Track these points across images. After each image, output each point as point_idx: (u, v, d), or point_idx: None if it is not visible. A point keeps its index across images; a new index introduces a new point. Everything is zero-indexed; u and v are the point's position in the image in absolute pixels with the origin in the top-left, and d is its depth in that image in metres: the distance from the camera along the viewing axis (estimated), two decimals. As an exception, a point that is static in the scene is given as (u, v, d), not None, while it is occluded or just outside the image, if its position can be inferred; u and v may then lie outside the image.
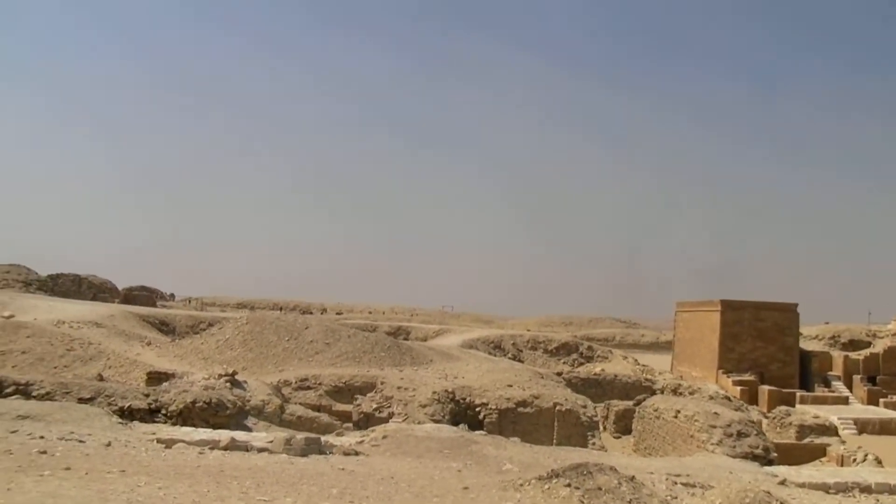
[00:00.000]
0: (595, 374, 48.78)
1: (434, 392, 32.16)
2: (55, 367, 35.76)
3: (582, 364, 61.28)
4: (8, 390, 22.36)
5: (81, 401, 21.90)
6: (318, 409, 30.26)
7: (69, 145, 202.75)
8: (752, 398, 50.18)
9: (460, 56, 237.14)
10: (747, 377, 54.03)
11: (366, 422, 29.40)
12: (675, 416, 28.87)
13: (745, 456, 24.54)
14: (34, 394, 22.43)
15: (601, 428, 34.03)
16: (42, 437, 14.68)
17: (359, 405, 30.95)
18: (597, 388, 44.69)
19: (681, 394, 43.38)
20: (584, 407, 32.76)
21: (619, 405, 38.38)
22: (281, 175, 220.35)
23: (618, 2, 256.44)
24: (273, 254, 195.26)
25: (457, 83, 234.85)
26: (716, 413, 27.45)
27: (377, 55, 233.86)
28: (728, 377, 54.42)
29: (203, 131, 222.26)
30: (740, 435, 26.09)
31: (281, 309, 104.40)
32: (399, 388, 32.52)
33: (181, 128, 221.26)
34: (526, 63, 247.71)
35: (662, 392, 44.19)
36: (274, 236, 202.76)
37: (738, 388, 51.73)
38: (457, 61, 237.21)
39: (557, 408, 32.20)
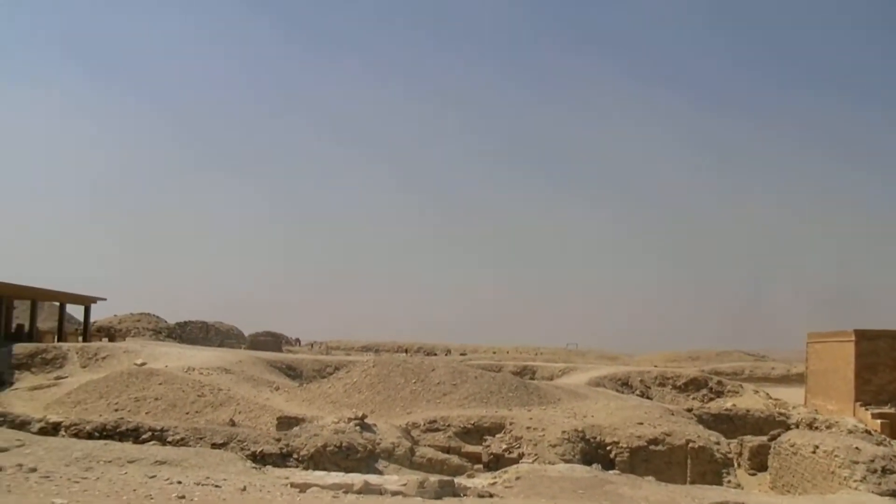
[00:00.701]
0: (726, 410, 47.33)
1: (563, 431, 31.76)
2: (187, 413, 36.79)
3: (712, 399, 59.62)
4: (144, 436, 23.05)
5: (215, 446, 22.40)
6: (447, 450, 30.24)
7: (199, 190, 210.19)
8: (893, 432, 47.79)
9: (578, 85, 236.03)
10: (887, 410, 51.53)
11: (496, 463, 29.24)
12: (814, 452, 27.62)
13: (893, 494, 23.26)
14: (169, 439, 23.05)
15: (735, 465, 32.94)
16: (179, 483, 15.02)
17: (488, 446, 30.80)
18: (728, 424, 43.33)
19: (817, 428, 41.65)
20: (717, 443, 31.80)
21: (753, 441, 37.06)
22: (404, 216, 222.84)
23: (737, 28, 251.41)
24: (396, 296, 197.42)
25: (574, 114, 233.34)
26: (857, 448, 26.12)
27: (516, 87, 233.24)
28: (866, 410, 52.01)
29: (330, 173, 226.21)
30: (885, 471, 24.72)
31: (406, 351, 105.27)
32: (528, 427, 32.25)
33: (304, 168, 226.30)
34: (627, 87, 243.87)
35: (797, 426, 42.50)
36: (396, 279, 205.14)
37: (878, 421, 49.32)
38: (576, 91, 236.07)
39: (690, 445, 31.38)
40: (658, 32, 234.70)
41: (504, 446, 30.44)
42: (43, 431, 22.13)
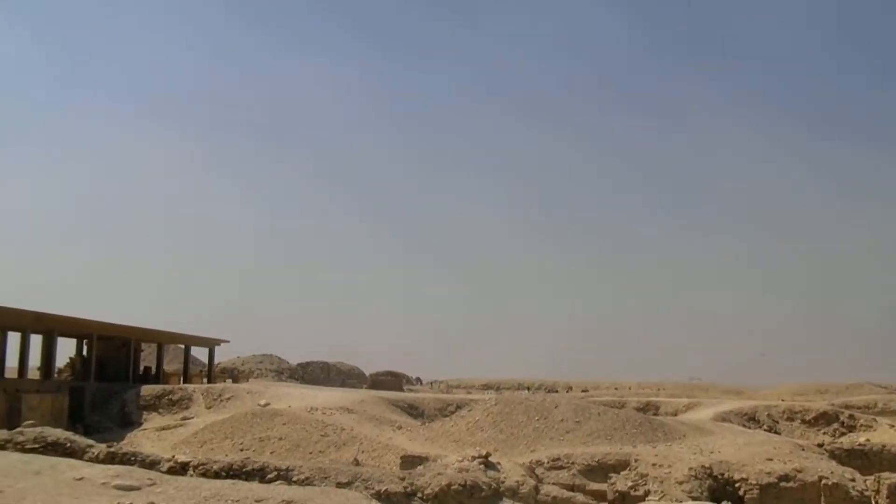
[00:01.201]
0: (860, 445, 45.28)
1: (690, 468, 30.96)
2: (311, 453, 37.23)
3: (843, 434, 57.19)
4: (270, 476, 23.34)
5: (339, 485, 22.53)
6: (572, 488, 29.84)
7: (321, 237, 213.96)
8: None
9: (693, 110, 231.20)
10: None
11: (621, 501, 28.72)
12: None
13: None
14: (294, 479, 23.29)
15: (873, 502, 31.49)
16: (307, 522, 15.10)
17: (613, 483, 30.24)
18: (863, 460, 41.45)
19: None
20: (853, 480, 30.51)
21: (891, 478, 35.33)
22: (522, 255, 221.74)
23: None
24: (515, 335, 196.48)
25: (695, 140, 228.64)
26: None
27: (643, 117, 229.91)
28: None
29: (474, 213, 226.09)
30: None
31: (527, 388, 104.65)
32: (653, 464, 31.56)
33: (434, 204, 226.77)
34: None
35: (937, 463, 40.38)
36: (516, 318, 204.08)
37: None
38: (692, 115, 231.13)
39: (823, 482, 30.18)
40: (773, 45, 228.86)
41: (629, 484, 29.81)
42: (172, 471, 22.62)
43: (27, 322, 52.20)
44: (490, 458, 29.39)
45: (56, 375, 58.95)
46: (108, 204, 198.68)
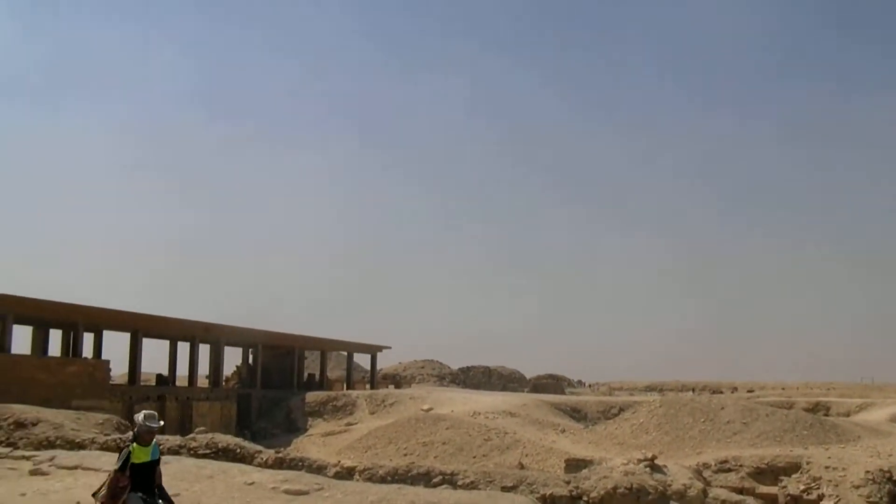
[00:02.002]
0: None
1: (867, 471, 29.41)
2: (475, 457, 37.35)
3: None
4: (435, 480, 23.48)
5: (504, 489, 22.44)
6: (740, 491, 29.01)
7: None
8: None
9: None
10: None
11: (793, 504, 27.67)
12: None
13: None
14: (459, 483, 23.35)
15: None
16: (473, 525, 15.06)
17: (784, 487, 29.14)
18: None
19: None
20: None
21: None
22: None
23: None
24: (675, 334, 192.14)
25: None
26: None
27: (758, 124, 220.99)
28: None
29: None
30: None
31: (693, 390, 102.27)
32: (827, 467, 30.18)
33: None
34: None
35: None
36: (678, 318, 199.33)
37: None
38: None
39: None
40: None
41: (802, 487, 28.63)
42: (338, 476, 23.05)
43: (196, 333, 54.48)
44: (656, 461, 28.79)
45: (224, 384, 61.31)
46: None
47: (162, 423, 11.67)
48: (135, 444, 11.13)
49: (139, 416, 11.15)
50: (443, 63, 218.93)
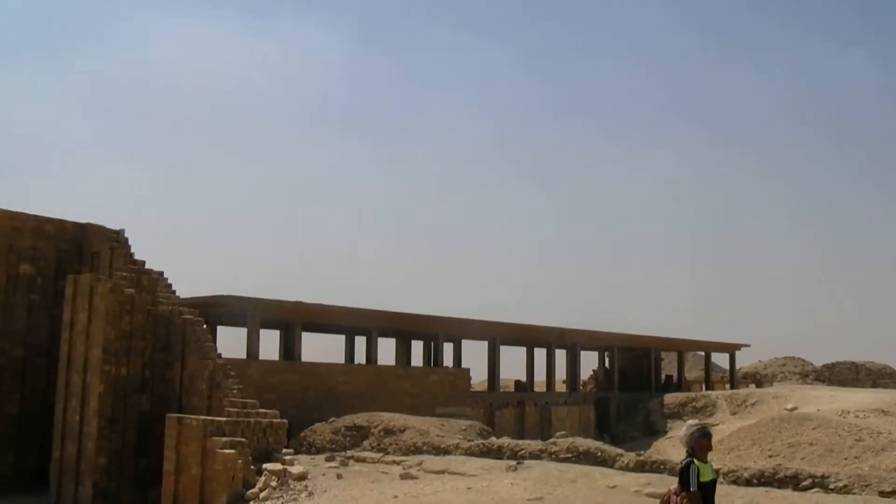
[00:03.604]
0: None
1: None
2: (845, 459, 35.17)
3: None
4: (804, 483, 22.41)
5: (882, 494, 20.98)
6: None
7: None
8: None
9: None
10: None
11: None
12: None
13: None
14: (831, 487, 22.13)
15: None
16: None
17: None
18: None
19: None
20: None
21: None
22: None
23: None
24: None
25: None
26: None
27: None
28: None
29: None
30: None
31: None
32: None
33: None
34: None
35: None
36: None
37: None
38: None
39: None
40: None
41: None
42: (701, 478, 22.62)
43: (552, 338, 55.68)
44: None
45: (581, 388, 62.12)
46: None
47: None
48: (695, 461, 9.86)
49: (689, 430, 10.13)
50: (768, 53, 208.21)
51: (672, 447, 44.94)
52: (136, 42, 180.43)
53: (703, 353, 76.35)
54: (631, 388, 63.75)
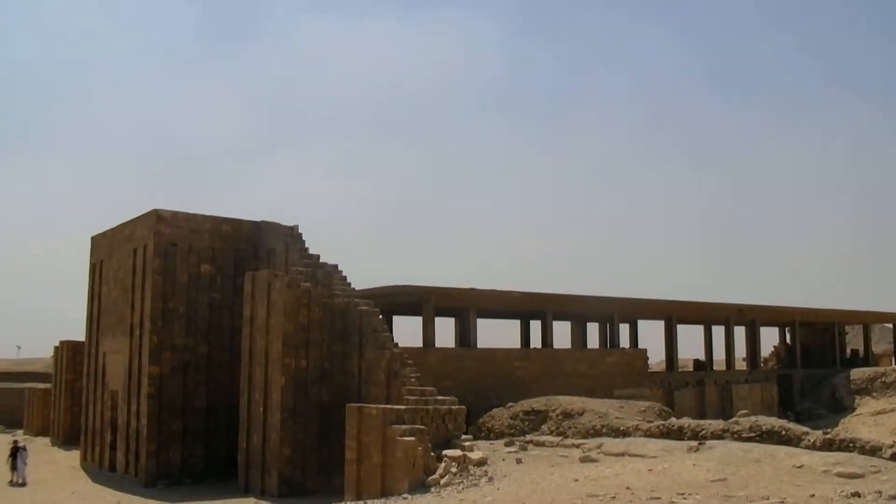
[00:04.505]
0: None
1: None
2: None
3: None
4: None
5: None
6: None
7: None
8: None
9: None
10: None
11: None
12: None
13: None
14: None
15: None
16: None
17: None
18: None
19: None
20: None
21: None
22: None
23: None
24: None
25: None
26: None
27: None
28: None
29: None
30: None
31: None
32: None
33: None
34: None
35: None
36: None
37: None
38: None
39: None
40: None
41: None
42: (895, 457, 21.82)
43: (730, 315, 54.57)
44: None
45: (762, 365, 60.63)
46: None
47: None
48: None
49: None
50: None
51: (861, 424, 43.43)
52: (308, 43, 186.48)
53: (891, 326, 73.09)
54: (814, 364, 61.80)
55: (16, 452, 35.51)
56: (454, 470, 22.30)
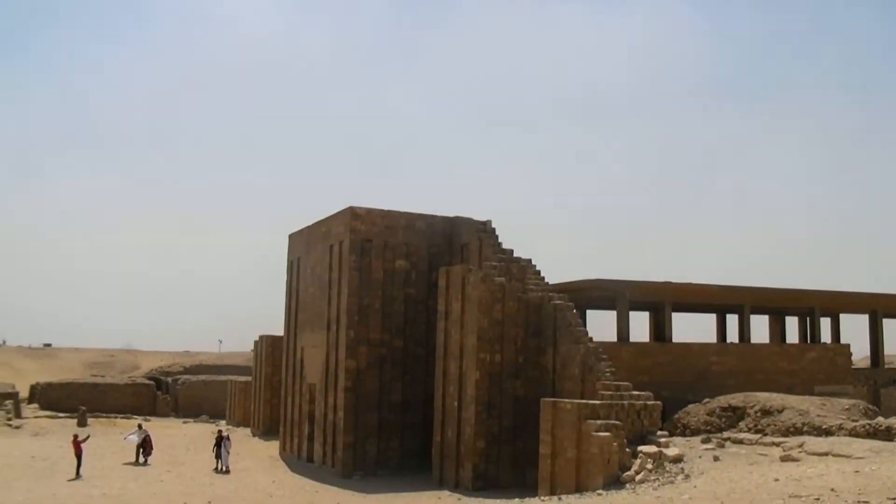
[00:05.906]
0: None
1: None
2: None
3: None
4: None
5: None
6: None
7: None
8: None
9: None
10: None
11: None
12: None
13: None
14: None
15: None
16: None
17: None
18: None
19: None
20: None
21: None
22: None
23: None
24: None
25: None
26: None
27: None
28: None
29: None
30: None
31: None
32: None
33: None
34: None
35: None
36: None
37: None
38: None
39: None
40: None
41: None
42: None
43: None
44: None
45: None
46: None
47: None
48: None
49: None
50: None
51: None
52: (497, 32, 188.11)
53: None
54: None
55: (220, 442, 37.76)
56: (650, 466, 22.28)
